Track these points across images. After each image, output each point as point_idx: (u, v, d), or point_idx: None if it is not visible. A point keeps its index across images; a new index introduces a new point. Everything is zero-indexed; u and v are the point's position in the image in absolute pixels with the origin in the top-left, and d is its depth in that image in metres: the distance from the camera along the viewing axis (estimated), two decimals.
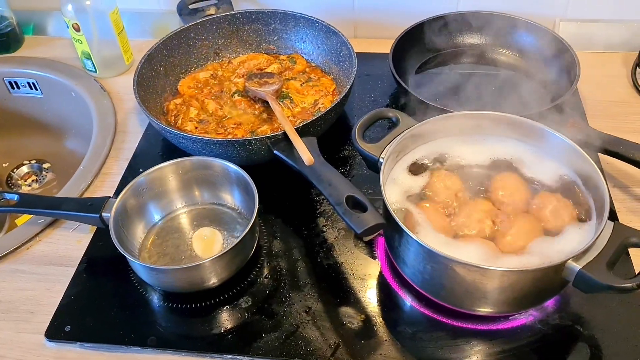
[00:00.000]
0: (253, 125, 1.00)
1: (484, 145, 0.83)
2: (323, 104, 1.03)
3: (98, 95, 1.13)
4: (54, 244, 0.87)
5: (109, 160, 1.00)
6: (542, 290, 0.69)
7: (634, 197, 0.88)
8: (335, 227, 0.86)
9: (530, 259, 0.69)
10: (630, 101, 1.05)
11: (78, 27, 1.10)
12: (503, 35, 1.13)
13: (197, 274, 0.75)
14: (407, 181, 0.79)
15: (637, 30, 1.12)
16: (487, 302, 0.70)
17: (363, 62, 1.12)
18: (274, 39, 1.15)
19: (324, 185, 0.77)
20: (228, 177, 0.84)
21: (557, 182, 0.77)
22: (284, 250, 0.84)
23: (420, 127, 0.81)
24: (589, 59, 1.10)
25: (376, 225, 0.69)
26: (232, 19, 1.13)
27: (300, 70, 1.11)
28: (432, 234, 0.72)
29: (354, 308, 0.76)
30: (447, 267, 0.67)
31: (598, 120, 1.00)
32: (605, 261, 0.64)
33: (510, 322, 0.74)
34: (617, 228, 0.67)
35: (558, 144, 0.78)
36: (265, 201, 0.87)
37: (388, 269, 0.81)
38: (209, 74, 1.11)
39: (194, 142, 0.89)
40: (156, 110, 1.02)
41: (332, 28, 1.07)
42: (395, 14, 1.20)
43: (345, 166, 0.96)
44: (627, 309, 0.74)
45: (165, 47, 1.07)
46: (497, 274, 0.66)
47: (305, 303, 0.77)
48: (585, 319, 0.73)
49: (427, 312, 0.75)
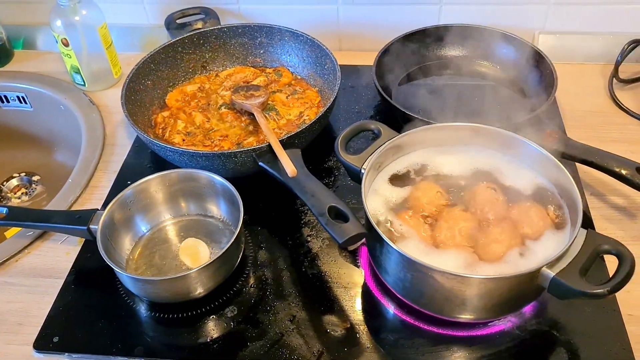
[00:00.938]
0: (239, 138, 1.01)
1: (463, 155, 0.85)
2: (308, 115, 1.05)
3: (87, 108, 1.15)
4: (43, 256, 0.89)
5: (98, 173, 1.02)
6: (519, 296, 0.71)
7: (609, 205, 0.90)
8: (319, 237, 0.88)
9: (507, 266, 0.71)
10: (608, 111, 1.08)
11: (67, 42, 1.12)
12: (484, 48, 1.15)
13: (184, 285, 0.76)
14: (389, 192, 0.81)
15: (613, 42, 1.15)
16: (466, 308, 0.72)
17: (348, 75, 1.15)
18: (260, 53, 1.18)
19: (307, 196, 0.79)
20: (214, 189, 0.86)
21: (534, 191, 0.79)
22: (269, 260, 0.86)
23: (401, 138, 0.83)
24: (568, 70, 1.13)
25: (357, 235, 0.71)
26: (219, 33, 1.15)
27: (286, 82, 1.13)
28: (413, 243, 0.74)
29: (338, 316, 0.78)
30: (426, 275, 0.69)
31: (576, 130, 1.03)
32: (578, 268, 0.66)
33: (489, 328, 0.75)
34: (590, 235, 0.69)
35: (535, 154, 0.80)
36: (252, 212, 0.89)
37: (371, 277, 0.83)
38: (197, 87, 1.13)
39: (180, 155, 0.90)
40: (144, 123, 1.04)
41: (316, 41, 1.09)
42: (379, 27, 1.23)
43: (330, 177, 0.98)
44: (602, 314, 0.76)
45: (153, 61, 1.09)
46: (475, 281, 0.68)
47: (290, 312, 0.79)
48: (561, 324, 0.75)
49: (409, 319, 0.77)
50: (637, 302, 0.77)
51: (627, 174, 0.83)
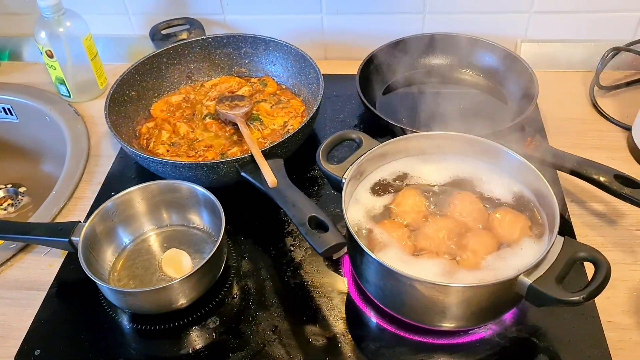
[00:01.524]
0: (224, 148, 1.02)
1: (444, 164, 0.85)
2: (292, 125, 1.06)
3: (72, 119, 1.15)
4: (26, 268, 0.89)
5: (82, 184, 1.02)
6: (498, 304, 0.71)
7: (590, 211, 0.91)
8: (302, 247, 0.88)
9: (487, 273, 0.72)
10: (589, 118, 1.09)
11: (51, 54, 1.12)
12: (467, 56, 1.16)
13: (166, 296, 0.76)
14: (370, 201, 0.81)
15: (594, 50, 1.16)
16: (446, 317, 0.72)
17: (332, 84, 1.15)
18: (245, 63, 1.18)
19: (288, 206, 0.79)
20: (196, 199, 0.86)
21: (513, 199, 0.80)
22: (252, 270, 0.86)
23: (382, 147, 0.83)
24: (550, 77, 1.14)
25: (337, 245, 0.72)
26: (204, 44, 1.16)
27: (270, 92, 1.14)
28: (393, 252, 0.74)
29: (320, 326, 0.78)
30: (405, 284, 0.69)
31: (558, 137, 1.04)
32: (555, 275, 0.66)
33: (469, 336, 0.76)
34: (567, 243, 0.69)
35: (514, 162, 0.81)
36: (235, 222, 0.90)
37: (354, 286, 0.83)
38: (182, 97, 1.14)
39: (164, 166, 0.91)
40: (128, 134, 1.04)
41: (300, 51, 1.10)
42: (363, 36, 1.24)
43: (314, 186, 0.99)
44: (582, 320, 0.76)
45: (137, 72, 1.09)
46: (453, 290, 0.68)
47: (272, 322, 0.79)
48: (541, 331, 0.76)
49: (391, 328, 0.77)
50: (616, 308, 0.78)
51: (605, 182, 0.84)
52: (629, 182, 0.83)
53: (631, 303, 0.78)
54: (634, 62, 1.16)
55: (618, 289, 0.80)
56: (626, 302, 0.79)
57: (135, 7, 1.26)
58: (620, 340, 0.74)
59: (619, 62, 1.15)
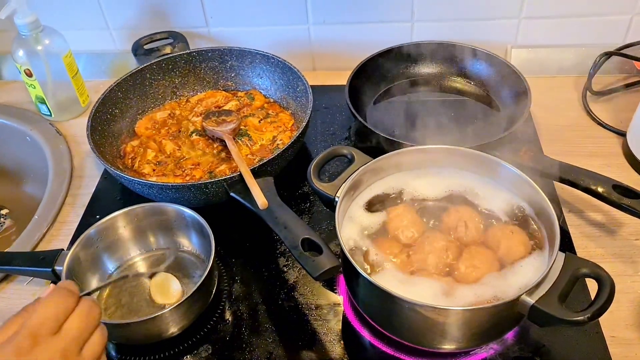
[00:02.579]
0: (211, 165, 0.99)
1: (438, 178, 0.83)
2: (281, 139, 1.03)
3: (53, 139, 1.12)
4: (8, 298, 0.85)
5: (65, 208, 0.99)
6: (499, 324, 0.69)
7: (588, 222, 0.89)
8: (296, 267, 0.86)
9: (486, 289, 0.69)
10: (583, 124, 1.07)
11: (30, 73, 1.09)
12: (457, 64, 1.15)
13: (156, 325, 0.73)
14: (364, 218, 0.79)
15: (585, 54, 1.15)
16: (445, 338, 0.70)
17: (322, 95, 1.13)
18: (231, 76, 1.16)
19: (279, 228, 0.76)
20: (184, 222, 0.83)
21: (510, 213, 0.78)
22: (244, 294, 0.83)
23: (374, 163, 0.81)
24: (542, 83, 1.12)
25: (332, 269, 0.69)
26: (188, 58, 1.13)
27: (258, 106, 1.11)
28: (390, 272, 0.72)
29: (316, 350, 0.76)
30: (404, 307, 0.67)
31: (552, 145, 1.02)
32: (557, 294, 0.64)
33: (471, 357, 0.74)
34: (568, 259, 0.67)
35: (510, 175, 0.79)
36: (225, 243, 0.87)
37: (350, 307, 0.81)
38: (167, 113, 1.11)
39: (150, 188, 0.88)
40: (112, 154, 1.01)
41: (287, 64, 1.07)
42: (352, 46, 1.22)
43: (306, 203, 0.96)
44: (585, 337, 0.74)
45: (120, 89, 1.06)
46: (453, 312, 0.66)
47: (267, 348, 0.76)
48: (544, 349, 0.74)
49: (390, 350, 0.75)
50: (620, 322, 0.76)
51: (603, 192, 0.82)
52: (628, 192, 0.81)
53: (634, 316, 0.77)
54: (626, 66, 1.15)
55: (620, 302, 0.78)
56: (629, 315, 0.77)
57: (116, 21, 1.23)
58: (626, 357, 0.73)
59: (610, 66, 1.14)
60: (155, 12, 1.20)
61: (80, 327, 0.53)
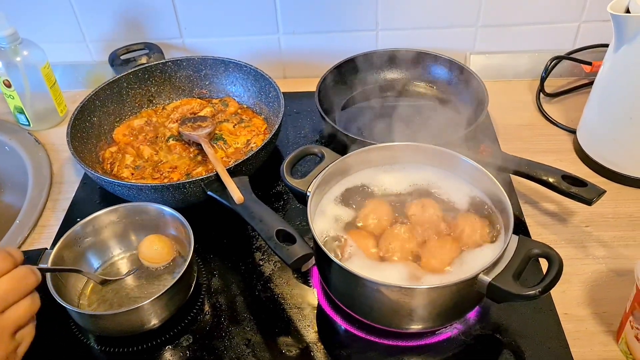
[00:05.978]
0: (188, 168, 1.03)
1: (403, 173, 0.89)
2: (255, 143, 1.08)
3: (32, 148, 1.14)
4: None
5: (46, 212, 1.02)
6: (461, 303, 0.75)
7: (542, 211, 0.96)
8: (271, 261, 0.90)
9: (450, 276, 0.75)
10: (537, 123, 1.15)
11: (9, 84, 1.12)
12: (420, 70, 1.21)
13: (137, 317, 0.77)
14: (335, 211, 0.84)
15: (538, 59, 1.23)
16: (413, 319, 0.75)
17: (293, 101, 1.19)
18: (205, 84, 1.20)
19: (255, 221, 0.81)
20: (164, 220, 0.87)
21: (470, 203, 0.84)
22: (222, 287, 0.87)
23: (343, 160, 0.86)
24: (499, 87, 1.20)
25: (305, 256, 0.74)
26: (163, 67, 1.18)
27: (232, 112, 1.16)
28: (360, 260, 0.77)
29: (292, 337, 0.80)
30: (372, 289, 0.72)
31: (509, 143, 1.09)
32: (512, 272, 0.70)
33: (437, 336, 0.79)
34: (522, 241, 0.73)
35: (469, 169, 0.85)
36: (203, 241, 0.91)
37: (323, 296, 0.85)
38: (144, 120, 1.15)
39: (129, 189, 0.91)
40: (91, 160, 1.04)
41: (259, 71, 1.13)
42: (320, 54, 1.28)
43: (280, 201, 1.01)
44: (540, 315, 0.80)
45: (98, 98, 1.10)
46: (418, 292, 0.71)
47: (245, 336, 0.80)
48: (503, 327, 0.80)
49: (361, 334, 0.80)
50: (572, 301, 0.82)
51: (554, 182, 0.89)
52: (576, 182, 0.88)
53: (585, 296, 0.83)
54: (575, 70, 1.24)
55: (572, 282, 0.85)
56: (580, 294, 0.83)
57: (92, 34, 1.27)
58: (577, 331, 0.79)
59: (561, 70, 1.23)
60: (130, 24, 1.25)
61: (7, 289, 0.54)
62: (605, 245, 0.90)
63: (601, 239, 0.91)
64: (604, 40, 1.20)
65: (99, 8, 1.23)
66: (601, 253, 0.89)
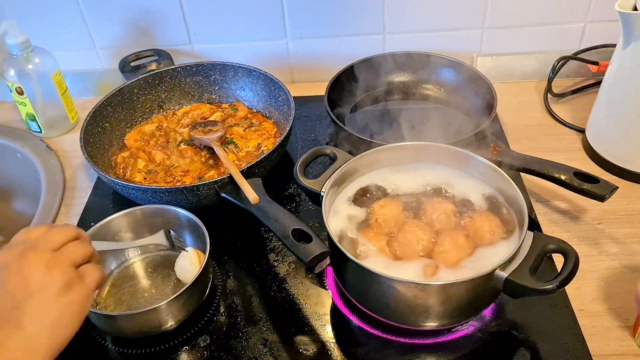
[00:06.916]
0: (200, 172, 1.04)
1: (416, 172, 0.89)
2: (266, 146, 1.09)
3: (45, 154, 1.15)
4: None
5: (60, 217, 1.02)
6: (477, 300, 0.75)
7: (554, 209, 0.97)
8: (285, 261, 0.91)
9: (465, 272, 0.75)
10: (545, 123, 1.16)
11: (21, 91, 1.13)
12: (427, 72, 1.22)
13: (154, 318, 0.77)
14: (349, 211, 0.84)
15: (545, 60, 1.24)
16: (429, 316, 0.75)
17: (302, 105, 1.19)
18: (215, 89, 1.21)
19: (270, 221, 0.82)
20: (179, 223, 0.88)
21: (483, 201, 0.84)
22: (238, 288, 0.87)
23: (356, 160, 0.87)
24: (506, 88, 1.21)
25: (321, 254, 0.74)
26: (173, 73, 1.19)
27: (242, 116, 1.17)
28: (375, 258, 0.78)
29: (309, 336, 0.80)
30: (388, 286, 0.72)
31: (518, 143, 1.10)
32: (528, 267, 0.70)
33: (453, 334, 0.79)
34: (537, 237, 0.74)
35: (482, 167, 0.86)
36: (218, 243, 0.91)
37: (338, 296, 0.86)
38: (155, 126, 1.16)
39: (143, 192, 0.92)
40: (104, 165, 1.05)
41: (269, 75, 1.14)
42: (327, 58, 1.29)
43: (292, 203, 1.01)
44: (556, 311, 0.81)
45: (109, 104, 1.11)
46: (434, 288, 0.71)
47: (262, 336, 0.80)
48: (519, 324, 0.80)
49: (377, 332, 0.80)
50: (587, 297, 0.83)
51: (566, 179, 0.89)
52: (588, 178, 0.89)
53: (600, 291, 0.83)
54: (582, 70, 1.24)
55: (586, 279, 0.85)
56: (595, 290, 0.83)
57: (102, 41, 1.28)
58: (593, 327, 0.79)
59: (568, 70, 1.23)
60: (140, 31, 1.26)
61: (77, 251, 0.61)
62: (618, 242, 0.90)
63: (614, 236, 0.91)
64: (609, 40, 1.20)
65: (108, 15, 1.24)
66: (614, 250, 0.89)
